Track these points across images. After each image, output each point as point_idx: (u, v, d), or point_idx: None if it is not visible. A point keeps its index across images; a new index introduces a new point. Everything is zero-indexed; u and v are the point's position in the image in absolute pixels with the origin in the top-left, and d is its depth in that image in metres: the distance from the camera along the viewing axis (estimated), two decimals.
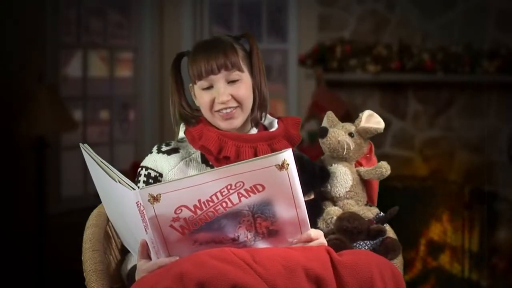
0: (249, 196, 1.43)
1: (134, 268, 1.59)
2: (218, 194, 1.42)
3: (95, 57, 4.57)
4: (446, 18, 4.12)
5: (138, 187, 1.43)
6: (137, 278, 1.52)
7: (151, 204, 1.42)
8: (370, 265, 1.47)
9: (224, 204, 1.43)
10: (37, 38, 3.83)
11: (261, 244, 1.49)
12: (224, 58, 1.66)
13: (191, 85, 1.74)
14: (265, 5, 4.70)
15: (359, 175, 1.78)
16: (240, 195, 1.43)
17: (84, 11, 4.37)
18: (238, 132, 1.71)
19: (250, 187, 1.42)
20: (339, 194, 1.76)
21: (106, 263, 1.68)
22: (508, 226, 4.04)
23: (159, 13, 4.65)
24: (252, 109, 1.73)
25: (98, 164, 1.50)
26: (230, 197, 1.43)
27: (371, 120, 1.77)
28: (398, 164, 4.10)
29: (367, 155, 1.82)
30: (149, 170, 1.72)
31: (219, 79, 1.67)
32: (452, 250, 3.96)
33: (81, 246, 1.68)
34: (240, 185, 1.42)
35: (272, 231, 1.49)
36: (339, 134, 1.76)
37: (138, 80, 4.65)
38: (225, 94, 1.67)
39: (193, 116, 1.74)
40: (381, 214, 1.72)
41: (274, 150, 1.66)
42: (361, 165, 1.81)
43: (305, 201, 1.47)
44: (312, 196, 1.70)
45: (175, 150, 1.74)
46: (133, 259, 1.63)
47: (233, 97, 1.68)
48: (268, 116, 1.78)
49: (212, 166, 1.70)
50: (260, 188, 1.43)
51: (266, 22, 4.70)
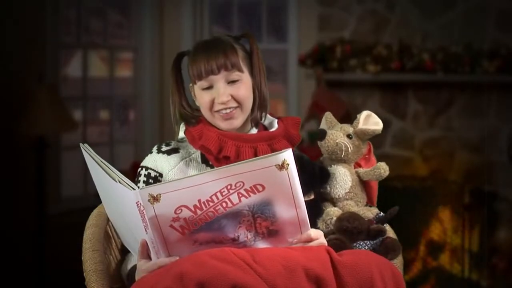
0: (249, 196, 1.43)
1: (134, 268, 1.59)
2: (218, 194, 1.42)
3: (95, 57, 4.57)
4: (446, 18, 4.12)
5: (138, 187, 1.43)
6: (137, 278, 1.52)
7: (151, 204, 1.42)
8: (370, 265, 1.47)
9: (224, 204, 1.43)
10: (37, 38, 3.83)
11: (261, 244, 1.49)
12: (224, 59, 1.66)
13: (191, 85, 1.74)
14: (265, 5, 4.70)
15: (358, 176, 1.78)
16: (240, 195, 1.43)
17: (84, 11, 4.37)
18: (238, 132, 1.71)
19: (250, 187, 1.42)
20: (339, 195, 1.75)
21: (106, 263, 1.68)
22: (508, 226, 4.04)
23: (159, 13, 4.65)
24: (252, 109, 1.73)
25: (98, 164, 1.50)
26: (230, 197, 1.43)
27: (369, 121, 1.77)
28: (398, 164, 4.10)
29: (366, 156, 1.82)
30: (149, 170, 1.72)
31: (219, 80, 1.67)
32: (452, 250, 3.96)
33: (81, 246, 1.68)
34: (240, 185, 1.42)
35: (272, 231, 1.48)
36: (337, 136, 1.76)
37: (138, 80, 4.65)
38: (225, 95, 1.67)
39: (193, 116, 1.74)
40: (381, 214, 1.72)
41: (274, 150, 1.66)
42: (360, 166, 1.81)
43: (305, 201, 1.47)
44: (312, 196, 1.70)
45: (175, 150, 1.74)
46: (133, 259, 1.63)
47: (233, 98, 1.68)
48: (268, 116, 1.78)
49: (212, 166, 1.70)
50: (260, 188, 1.43)
51: (266, 22, 4.70)
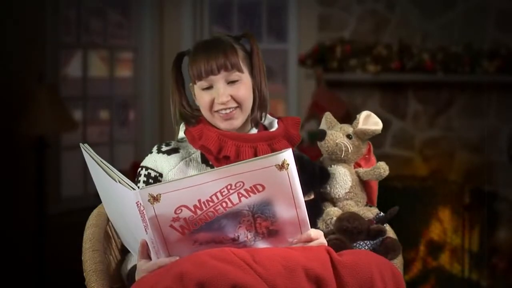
0: (249, 196, 1.43)
1: (134, 268, 1.59)
2: (218, 194, 1.42)
3: (95, 57, 4.57)
4: (446, 18, 4.12)
5: (138, 187, 1.43)
6: (137, 278, 1.52)
7: (151, 204, 1.42)
8: (370, 265, 1.47)
9: (224, 204, 1.43)
10: (37, 38, 3.83)
11: (261, 244, 1.49)
12: (224, 59, 1.66)
13: (191, 84, 1.74)
14: (265, 5, 4.70)
15: (358, 176, 1.78)
16: (240, 195, 1.43)
17: (84, 11, 4.37)
18: (238, 132, 1.71)
19: (250, 187, 1.42)
20: (339, 195, 1.75)
21: (106, 263, 1.68)
22: (508, 226, 4.04)
23: (159, 13, 4.65)
24: (252, 109, 1.72)
25: (98, 164, 1.50)
26: (230, 197, 1.43)
27: (369, 121, 1.77)
28: (398, 164, 4.10)
29: (366, 156, 1.82)
30: (149, 170, 1.72)
31: (218, 80, 1.67)
32: (452, 250, 3.96)
33: (81, 246, 1.68)
34: (240, 185, 1.42)
35: (272, 231, 1.48)
36: (337, 136, 1.76)
37: (138, 80, 4.65)
38: (224, 95, 1.67)
39: (193, 116, 1.74)
40: (381, 214, 1.72)
41: (274, 150, 1.66)
42: (360, 166, 1.81)
43: (305, 201, 1.47)
44: (312, 196, 1.70)
45: (175, 150, 1.74)
46: (133, 259, 1.63)
47: (233, 98, 1.68)
48: (268, 116, 1.78)
49: (212, 166, 1.69)
50: (260, 188, 1.43)
51: (266, 22, 4.70)
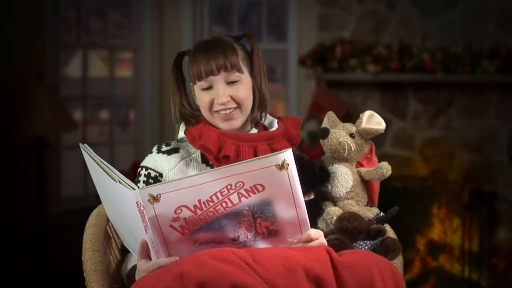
0: (249, 196, 1.43)
1: (134, 268, 1.59)
2: (218, 194, 1.42)
3: (95, 57, 4.57)
4: (446, 18, 4.12)
5: (138, 187, 1.43)
6: (137, 278, 1.52)
7: (151, 204, 1.41)
8: (370, 265, 1.47)
9: (224, 204, 1.43)
10: (37, 38, 3.83)
11: (261, 244, 1.49)
12: (223, 59, 1.65)
13: (191, 84, 1.74)
14: (265, 5, 4.70)
15: (360, 175, 1.78)
16: (240, 195, 1.43)
17: (84, 11, 4.37)
18: (238, 132, 1.71)
19: (250, 187, 1.42)
20: (340, 195, 1.75)
21: (106, 263, 1.68)
22: (508, 226, 4.04)
23: (159, 13, 4.65)
24: (252, 109, 1.72)
25: (98, 164, 1.50)
26: (230, 197, 1.43)
27: (372, 120, 1.77)
28: (398, 164, 4.10)
29: (368, 156, 1.82)
30: (149, 170, 1.72)
31: (218, 80, 1.67)
32: (452, 250, 3.95)
33: (81, 246, 1.68)
34: (240, 185, 1.42)
35: (272, 231, 1.48)
36: (340, 135, 1.76)
37: (138, 80, 4.65)
38: (224, 95, 1.66)
39: (193, 116, 1.74)
40: (381, 214, 1.72)
41: (274, 149, 1.66)
42: (362, 165, 1.81)
43: (305, 201, 1.47)
44: (312, 196, 1.70)
45: (175, 150, 1.74)
46: (133, 259, 1.63)
47: (233, 98, 1.68)
48: (268, 116, 1.78)
49: (212, 166, 1.69)
50: (260, 188, 1.43)
51: (266, 22, 4.70)
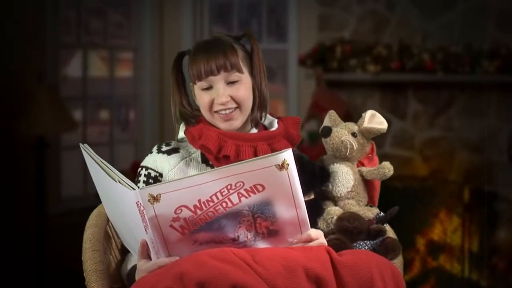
0: (249, 196, 1.43)
1: (134, 268, 1.59)
2: (218, 194, 1.42)
3: (95, 57, 4.57)
4: (446, 18, 4.12)
5: (138, 187, 1.43)
6: (137, 278, 1.52)
7: (151, 204, 1.41)
8: (370, 265, 1.47)
9: (224, 204, 1.43)
10: (37, 38, 3.83)
11: (261, 244, 1.49)
12: (223, 59, 1.65)
13: (191, 84, 1.74)
14: (265, 5, 4.70)
15: (361, 175, 1.78)
16: (240, 195, 1.43)
17: (84, 11, 4.37)
18: (238, 132, 1.71)
19: (250, 187, 1.42)
20: (341, 194, 1.75)
21: (106, 263, 1.68)
22: (508, 226, 4.04)
23: (159, 13, 4.65)
24: (252, 109, 1.72)
25: (98, 164, 1.50)
26: (230, 197, 1.43)
27: (374, 120, 1.77)
28: (398, 164, 4.07)
29: (369, 155, 1.82)
30: (149, 170, 1.72)
31: (218, 80, 1.67)
32: (452, 250, 3.95)
33: (81, 246, 1.68)
34: (240, 185, 1.42)
35: (272, 231, 1.48)
36: (342, 133, 1.76)
37: (138, 80, 4.65)
38: (224, 95, 1.66)
39: (193, 116, 1.74)
40: (381, 214, 1.72)
41: (274, 149, 1.66)
42: (363, 165, 1.81)
43: (305, 201, 1.47)
44: (312, 196, 1.70)
45: (175, 150, 1.73)
46: (133, 259, 1.63)
47: (232, 98, 1.68)
48: (268, 116, 1.78)
49: (212, 166, 1.69)
50: (260, 188, 1.43)
51: (266, 22, 4.70)
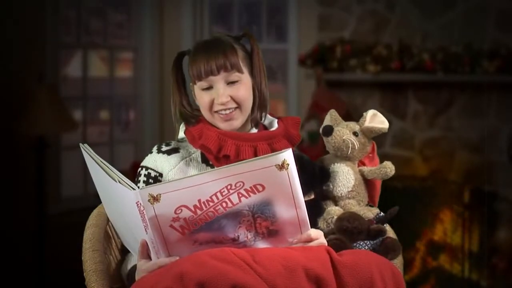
0: (249, 196, 1.43)
1: (134, 268, 1.59)
2: (218, 194, 1.42)
3: (95, 57, 4.57)
4: (446, 18, 4.12)
5: (138, 187, 1.43)
6: (137, 278, 1.52)
7: (151, 204, 1.41)
8: (370, 265, 1.47)
9: (224, 204, 1.43)
10: (37, 38, 3.83)
11: (261, 244, 1.49)
12: (223, 59, 1.65)
13: (191, 84, 1.74)
14: (265, 5, 4.70)
15: (362, 174, 1.77)
16: (240, 195, 1.43)
17: (84, 11, 4.37)
18: (238, 132, 1.71)
19: (250, 187, 1.42)
20: (341, 194, 1.75)
21: (106, 263, 1.68)
22: (508, 226, 4.04)
23: (159, 13, 4.65)
24: (252, 109, 1.72)
25: (98, 164, 1.50)
26: (230, 197, 1.43)
27: (376, 119, 1.77)
28: (398, 164, 4.05)
29: (370, 155, 1.82)
30: (149, 170, 1.72)
31: (218, 80, 1.67)
32: (452, 250, 3.95)
33: (81, 246, 1.68)
34: (240, 185, 1.42)
35: (272, 231, 1.48)
36: (344, 133, 1.76)
37: (138, 80, 4.65)
38: (224, 95, 1.66)
39: (193, 116, 1.74)
40: (381, 214, 1.72)
41: (274, 149, 1.66)
42: (364, 164, 1.80)
43: (305, 201, 1.47)
44: (312, 196, 1.70)
45: (175, 150, 1.73)
46: (133, 259, 1.63)
47: (232, 98, 1.68)
48: (268, 116, 1.78)
49: (212, 166, 1.69)
50: (260, 188, 1.43)
51: (266, 22, 4.70)
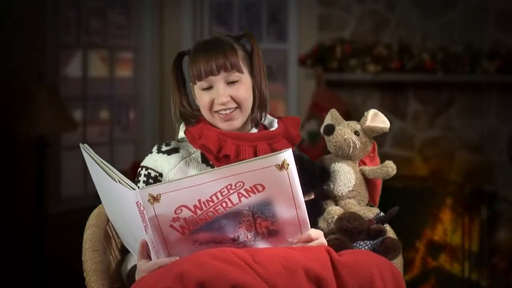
0: (249, 196, 1.43)
1: (134, 268, 1.59)
2: (218, 194, 1.42)
3: (95, 57, 4.57)
4: (446, 18, 4.12)
5: (138, 187, 1.43)
6: (137, 278, 1.52)
7: (151, 204, 1.41)
8: (370, 265, 1.47)
9: (224, 204, 1.43)
10: (37, 38, 3.83)
11: (261, 244, 1.49)
12: (223, 59, 1.65)
13: (191, 84, 1.74)
14: (265, 5, 4.70)
15: (363, 174, 1.77)
16: (240, 195, 1.43)
17: (84, 11, 4.37)
18: (238, 132, 1.71)
19: (250, 187, 1.42)
20: (342, 193, 1.75)
21: (106, 263, 1.68)
22: (508, 226, 4.04)
23: (159, 13, 4.65)
24: (252, 109, 1.72)
25: (98, 164, 1.50)
26: (230, 197, 1.43)
27: (377, 119, 1.77)
28: (398, 164, 4.06)
29: (371, 154, 1.82)
30: (149, 170, 1.72)
31: (218, 80, 1.67)
32: (452, 250, 3.95)
33: (81, 246, 1.68)
34: (240, 185, 1.42)
35: (272, 231, 1.48)
36: (345, 132, 1.76)
37: (138, 80, 4.65)
38: (224, 95, 1.66)
39: (193, 116, 1.74)
40: (381, 214, 1.72)
41: (274, 149, 1.66)
42: (364, 164, 1.80)
43: (305, 201, 1.47)
44: (312, 196, 1.70)
45: (175, 150, 1.73)
46: (133, 259, 1.63)
47: (232, 98, 1.68)
48: (268, 116, 1.78)
49: (212, 166, 1.69)
50: (260, 188, 1.43)
51: (266, 22, 4.70)
